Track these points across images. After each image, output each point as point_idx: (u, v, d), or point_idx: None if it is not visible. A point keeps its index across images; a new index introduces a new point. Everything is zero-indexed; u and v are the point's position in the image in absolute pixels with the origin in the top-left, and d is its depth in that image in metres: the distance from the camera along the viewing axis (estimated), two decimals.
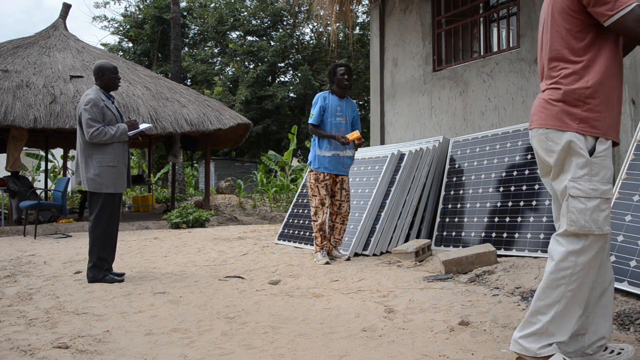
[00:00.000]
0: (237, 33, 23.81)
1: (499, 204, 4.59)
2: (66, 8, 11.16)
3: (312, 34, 23.52)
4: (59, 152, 15.81)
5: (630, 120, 4.12)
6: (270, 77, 22.95)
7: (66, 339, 2.53)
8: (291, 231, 5.99)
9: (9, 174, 8.91)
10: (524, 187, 4.44)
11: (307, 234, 5.66)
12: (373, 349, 2.37)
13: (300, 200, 6.29)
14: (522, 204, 4.38)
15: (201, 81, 22.35)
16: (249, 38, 23.56)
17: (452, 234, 4.91)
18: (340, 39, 19.46)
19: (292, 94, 21.67)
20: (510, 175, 4.61)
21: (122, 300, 3.38)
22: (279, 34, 22.60)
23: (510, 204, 4.48)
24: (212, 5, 23.78)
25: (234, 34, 24.04)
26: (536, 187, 4.33)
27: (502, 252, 4.26)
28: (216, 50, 24.49)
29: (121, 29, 24.13)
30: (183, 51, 21.92)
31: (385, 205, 5.08)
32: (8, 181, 8.68)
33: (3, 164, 9.36)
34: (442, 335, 2.53)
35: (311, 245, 5.45)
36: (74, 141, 12.15)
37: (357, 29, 21.60)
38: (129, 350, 2.40)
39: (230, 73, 23.01)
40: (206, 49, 24.03)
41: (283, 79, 23.89)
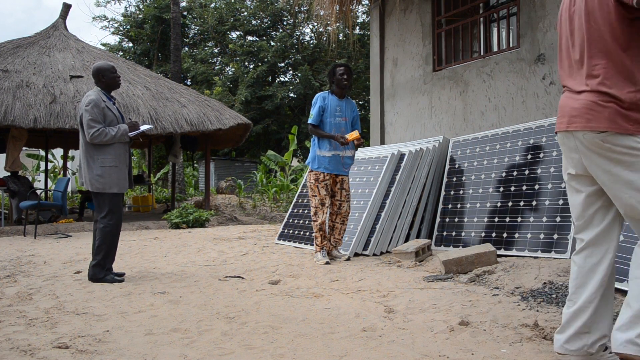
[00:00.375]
0: (237, 33, 23.81)
1: (499, 204, 4.59)
2: (66, 8, 11.16)
3: (312, 34, 23.53)
4: (59, 152, 15.81)
5: None
6: (270, 77, 22.95)
7: (66, 339, 2.53)
8: (291, 231, 5.99)
9: (8, 174, 8.91)
10: (524, 187, 4.44)
11: (307, 234, 5.66)
12: (373, 349, 2.37)
13: (300, 200, 6.29)
14: (522, 204, 4.38)
15: (201, 81, 22.36)
16: (249, 38, 23.56)
17: (452, 234, 4.91)
18: (341, 38, 19.45)
19: (292, 94, 21.67)
20: (510, 175, 4.61)
21: (122, 300, 3.38)
22: (279, 34, 22.60)
23: (510, 204, 4.48)
24: (212, 5, 23.78)
25: (234, 34, 24.04)
26: (536, 187, 4.34)
27: (502, 252, 4.26)
28: (216, 50, 24.49)
29: (121, 29, 24.14)
30: (183, 51, 21.91)
31: (385, 205, 5.08)
32: (8, 181, 8.68)
33: (3, 163, 9.35)
34: (442, 335, 2.53)
35: (311, 245, 5.45)
36: (74, 141, 12.16)
37: (357, 29, 21.60)
38: (129, 350, 2.40)
39: (230, 73, 23.01)
40: (206, 49, 24.03)
41: (283, 79, 23.89)
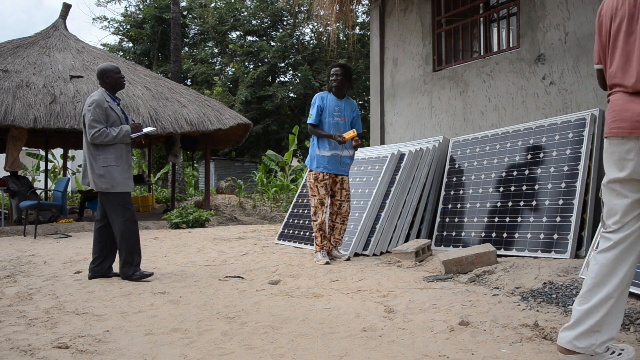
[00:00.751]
0: (237, 33, 23.81)
1: (499, 204, 4.59)
2: (66, 8, 11.17)
3: (312, 34, 23.53)
4: (59, 152, 15.81)
5: None
6: (270, 77, 22.95)
7: (66, 339, 2.53)
8: (291, 231, 5.99)
9: (8, 174, 8.91)
10: (524, 187, 4.44)
11: (307, 234, 5.66)
12: (373, 349, 2.37)
13: (300, 200, 6.29)
14: (522, 204, 4.38)
15: (201, 81, 22.36)
16: (249, 38, 23.56)
17: (452, 234, 4.91)
18: (341, 38, 19.45)
19: (292, 94, 21.67)
20: (510, 175, 4.61)
21: (122, 300, 3.38)
22: (279, 34, 22.60)
23: (510, 204, 4.48)
24: (212, 5, 23.78)
25: (234, 34, 24.03)
26: (536, 187, 4.34)
27: (502, 252, 4.26)
28: (216, 50, 24.49)
29: (121, 29, 24.14)
30: (183, 51, 21.92)
31: (385, 205, 5.08)
32: (8, 181, 8.68)
33: (3, 164, 9.35)
34: (442, 335, 2.53)
35: (311, 245, 5.45)
36: (74, 141, 12.17)
37: (357, 29, 21.60)
38: (129, 350, 2.40)
39: (230, 73, 23.01)
40: (206, 49, 24.02)
41: (283, 79, 23.89)
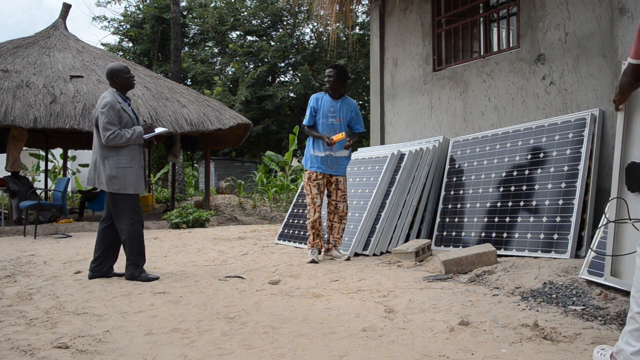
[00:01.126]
0: (237, 33, 23.81)
1: (499, 204, 4.59)
2: (66, 8, 11.17)
3: (312, 34, 23.53)
4: (59, 152, 15.81)
5: None
6: (270, 77, 22.96)
7: (66, 339, 2.53)
8: (291, 231, 5.99)
9: (9, 174, 8.91)
10: (524, 187, 4.44)
11: (307, 234, 5.66)
12: (373, 349, 2.36)
13: (300, 200, 6.29)
14: (522, 204, 4.38)
15: (201, 81, 22.35)
16: (249, 38, 23.56)
17: (452, 234, 4.91)
18: (341, 38, 19.45)
19: (292, 94, 21.67)
20: (510, 175, 4.61)
21: (122, 300, 3.38)
22: (279, 34, 22.60)
23: (510, 204, 4.48)
24: (212, 5, 23.78)
25: (234, 34, 24.03)
26: (536, 187, 4.33)
27: (502, 252, 4.26)
28: (216, 50, 24.49)
29: (121, 28, 24.14)
30: (183, 51, 21.91)
31: (385, 205, 5.08)
32: (8, 181, 8.68)
33: (3, 164, 9.35)
34: (442, 335, 2.53)
35: None
36: (74, 141, 12.16)
37: (357, 29, 21.60)
38: (129, 350, 2.40)
39: (230, 73, 23.01)
40: (206, 49, 24.02)
41: (283, 79, 23.90)
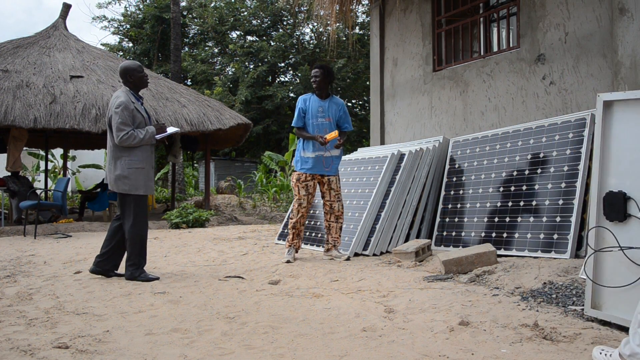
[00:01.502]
0: (237, 33, 23.81)
1: (499, 204, 4.59)
2: (66, 8, 11.17)
3: (312, 34, 23.53)
4: (59, 152, 15.80)
5: None
6: (270, 77, 22.95)
7: (66, 339, 2.53)
8: None
9: (9, 174, 8.91)
10: (524, 187, 4.44)
11: (308, 234, 5.66)
12: (373, 349, 2.36)
13: None
14: (522, 204, 4.38)
15: (201, 81, 22.35)
16: (249, 38, 23.56)
17: (452, 234, 4.91)
18: (341, 38, 19.45)
19: (292, 94, 21.67)
20: (510, 175, 4.61)
21: (122, 300, 3.38)
22: (278, 34, 22.60)
23: (510, 204, 4.48)
24: (212, 5, 23.78)
25: (234, 34, 24.03)
26: (536, 187, 4.33)
27: (502, 252, 4.26)
28: (216, 50, 24.49)
29: (121, 28, 24.14)
30: (183, 51, 21.91)
31: (385, 205, 5.08)
32: (8, 181, 8.68)
33: (3, 164, 9.35)
34: (442, 335, 2.53)
35: (312, 245, 5.46)
36: (74, 141, 12.17)
37: (357, 29, 21.60)
38: (129, 350, 2.40)
39: (230, 73, 23.01)
40: (206, 49, 24.02)
41: (283, 79, 23.89)
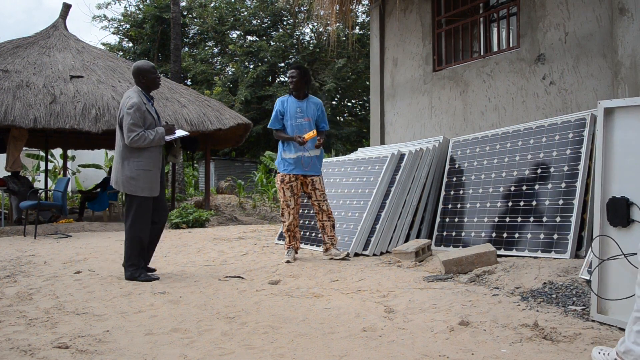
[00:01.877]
0: (237, 33, 23.81)
1: (499, 204, 4.59)
2: (66, 8, 11.17)
3: (312, 34, 23.53)
4: (59, 152, 15.80)
5: None
6: (270, 77, 22.95)
7: (66, 339, 2.53)
8: None
9: (9, 174, 8.91)
10: (524, 187, 4.44)
11: (307, 234, 5.66)
12: (373, 349, 2.37)
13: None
14: (522, 204, 4.38)
15: (201, 81, 22.35)
16: (249, 38, 23.56)
17: (452, 234, 4.91)
18: (341, 38, 19.45)
19: None
20: (510, 175, 4.61)
21: (122, 300, 3.38)
22: (278, 34, 22.60)
23: (510, 204, 4.48)
24: (212, 5, 23.78)
25: (234, 34, 24.03)
26: (536, 187, 4.33)
27: (502, 252, 4.26)
28: (216, 50, 24.49)
29: (121, 28, 24.14)
30: (183, 51, 21.91)
31: (385, 205, 5.08)
32: (8, 181, 8.69)
33: (3, 164, 9.35)
34: (442, 335, 2.53)
35: (311, 245, 5.46)
36: (74, 141, 12.17)
37: (357, 29, 21.60)
38: (129, 350, 2.40)
39: (230, 73, 23.00)
40: (206, 49, 24.03)
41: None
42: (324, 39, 21.54)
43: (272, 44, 22.25)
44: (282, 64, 23.08)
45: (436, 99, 6.32)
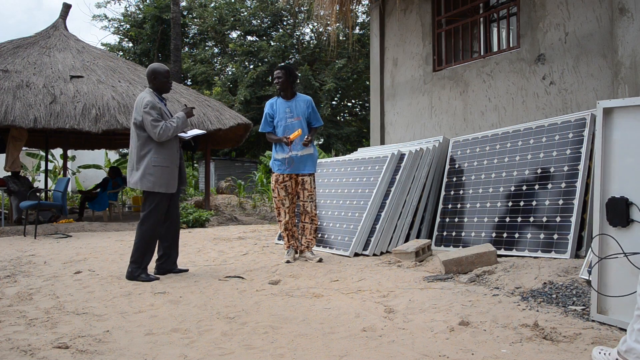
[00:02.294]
0: (237, 33, 23.81)
1: (499, 204, 4.59)
2: (66, 8, 11.17)
3: (312, 34, 23.53)
4: (59, 152, 15.81)
5: None
6: (270, 77, 22.93)
7: (66, 339, 2.53)
8: None
9: (9, 173, 8.91)
10: (524, 187, 4.44)
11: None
12: (373, 349, 2.36)
13: None
14: (522, 204, 4.38)
15: (201, 81, 22.35)
16: (249, 38, 23.56)
17: (452, 234, 4.91)
18: (341, 38, 19.45)
19: None
20: (510, 175, 4.61)
21: (122, 300, 3.38)
22: (278, 34, 22.61)
23: (510, 204, 4.48)
24: (212, 5, 23.78)
25: (234, 34, 24.03)
26: (536, 187, 4.33)
27: (502, 252, 4.26)
28: (216, 50, 24.49)
29: (121, 28, 24.14)
30: (183, 51, 21.92)
31: (385, 205, 5.08)
32: (8, 181, 8.68)
33: (3, 164, 9.35)
34: (442, 335, 2.53)
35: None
36: (74, 141, 12.17)
37: (357, 29, 21.60)
38: (129, 350, 2.40)
39: (230, 73, 23.00)
40: (206, 49, 24.02)
41: None
42: (324, 39, 21.55)
43: (272, 44, 22.24)
44: (282, 64, 23.06)
45: (436, 99, 6.32)
